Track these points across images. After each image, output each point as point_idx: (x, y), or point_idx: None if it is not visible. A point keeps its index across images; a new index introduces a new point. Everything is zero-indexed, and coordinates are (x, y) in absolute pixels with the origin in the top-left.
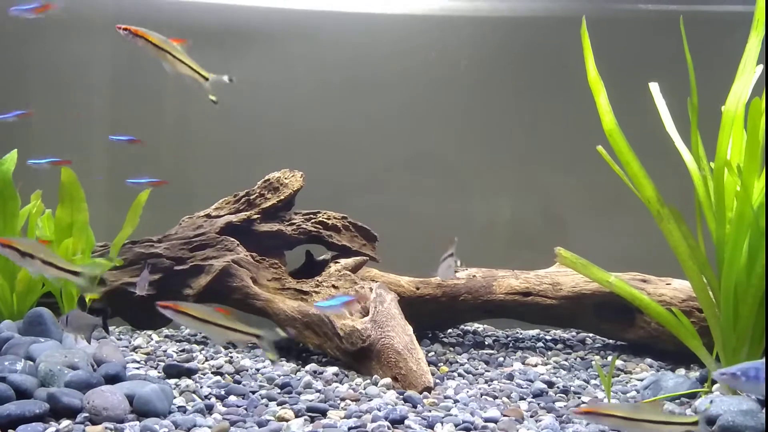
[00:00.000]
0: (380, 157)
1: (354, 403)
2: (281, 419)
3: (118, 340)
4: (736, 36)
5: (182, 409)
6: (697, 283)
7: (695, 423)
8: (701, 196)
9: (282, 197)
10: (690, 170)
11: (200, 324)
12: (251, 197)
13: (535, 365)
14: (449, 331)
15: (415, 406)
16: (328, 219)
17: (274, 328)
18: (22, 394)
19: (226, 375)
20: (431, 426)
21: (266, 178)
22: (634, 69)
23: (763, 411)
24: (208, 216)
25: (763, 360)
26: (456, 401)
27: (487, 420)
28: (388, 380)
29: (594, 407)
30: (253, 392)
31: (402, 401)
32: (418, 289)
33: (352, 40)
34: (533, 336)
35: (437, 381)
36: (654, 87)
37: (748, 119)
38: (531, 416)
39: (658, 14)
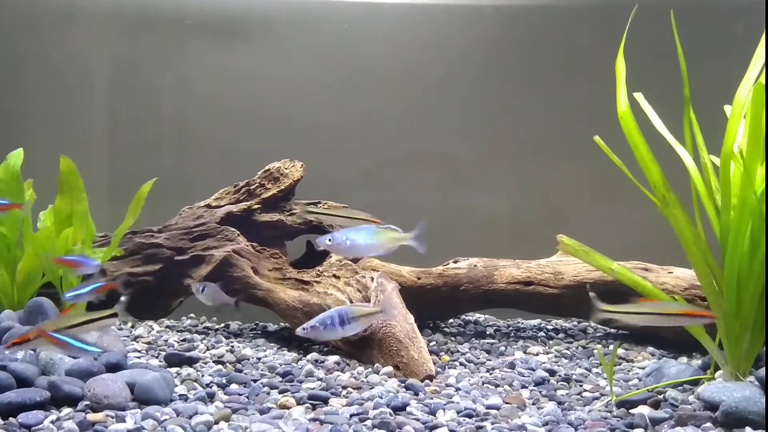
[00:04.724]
0: (381, 149)
1: (356, 391)
2: (283, 407)
3: (119, 329)
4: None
5: (184, 397)
6: (702, 268)
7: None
8: (698, 186)
9: (282, 187)
10: (684, 163)
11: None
12: (251, 187)
13: (537, 354)
14: (450, 321)
15: (416, 394)
16: (329, 209)
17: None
18: (22, 382)
19: (228, 364)
20: (433, 413)
21: (266, 168)
22: (640, 61)
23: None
24: (209, 206)
25: None
26: (458, 389)
27: (489, 407)
28: (389, 368)
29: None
30: (255, 380)
31: (404, 389)
32: (419, 278)
33: (352, 31)
34: (534, 325)
35: (439, 370)
36: (639, 97)
37: (750, 105)
38: (533, 404)
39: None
